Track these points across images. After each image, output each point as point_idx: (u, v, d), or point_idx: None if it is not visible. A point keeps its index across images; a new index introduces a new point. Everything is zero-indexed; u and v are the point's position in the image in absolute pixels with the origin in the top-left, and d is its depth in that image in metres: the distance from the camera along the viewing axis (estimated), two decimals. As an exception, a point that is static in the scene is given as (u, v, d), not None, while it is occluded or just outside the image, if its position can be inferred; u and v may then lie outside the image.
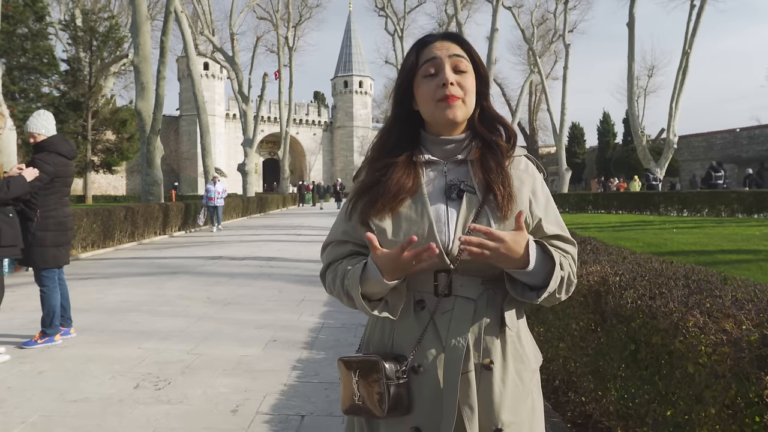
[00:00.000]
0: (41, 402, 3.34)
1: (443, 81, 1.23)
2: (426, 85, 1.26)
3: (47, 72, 32.65)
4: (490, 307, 1.22)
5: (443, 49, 1.27)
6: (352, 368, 1.23)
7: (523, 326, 1.30)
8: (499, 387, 1.20)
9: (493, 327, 1.22)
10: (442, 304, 1.21)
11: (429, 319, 1.21)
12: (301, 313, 5.79)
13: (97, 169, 39.03)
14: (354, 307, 1.25)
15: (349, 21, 72.72)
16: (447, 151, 1.29)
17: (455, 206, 1.23)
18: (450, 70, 1.24)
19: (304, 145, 68.99)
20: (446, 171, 1.28)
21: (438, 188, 1.26)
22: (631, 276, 2.52)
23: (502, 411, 1.19)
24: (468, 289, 1.21)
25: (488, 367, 1.20)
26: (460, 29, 27.87)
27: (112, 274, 8.51)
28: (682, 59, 25.60)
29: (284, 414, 3.18)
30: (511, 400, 1.20)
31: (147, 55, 17.62)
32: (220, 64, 39.43)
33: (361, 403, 1.20)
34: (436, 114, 1.25)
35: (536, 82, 48.29)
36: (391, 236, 1.21)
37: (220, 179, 18.19)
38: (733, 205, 17.85)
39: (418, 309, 1.22)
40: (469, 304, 1.21)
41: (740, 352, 1.45)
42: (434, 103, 1.25)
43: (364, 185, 1.30)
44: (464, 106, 1.26)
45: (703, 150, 45.62)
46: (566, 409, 3.12)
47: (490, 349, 1.21)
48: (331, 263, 1.33)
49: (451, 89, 1.23)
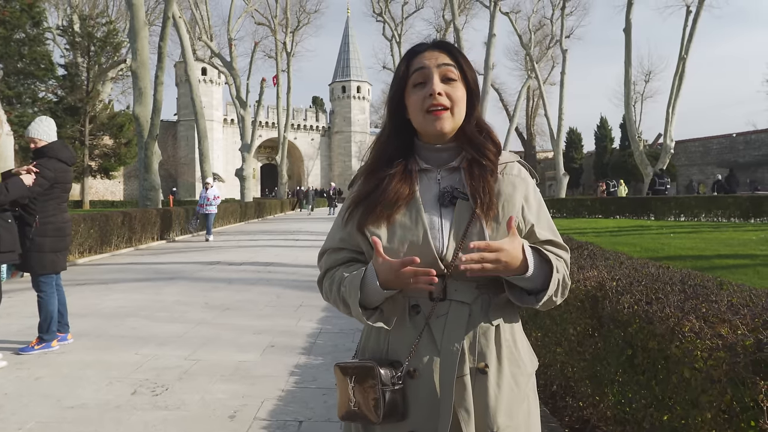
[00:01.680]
0: (38, 408, 3.33)
1: (430, 91, 1.25)
2: (415, 96, 1.27)
3: (44, 77, 32.57)
4: (484, 311, 1.23)
5: (432, 59, 1.28)
6: (348, 374, 1.23)
7: (518, 330, 1.31)
8: (495, 391, 1.20)
9: (488, 331, 1.23)
10: (437, 308, 1.22)
11: (424, 324, 1.22)
12: (299, 318, 5.79)
13: (95, 174, 38.97)
14: (350, 315, 1.26)
15: (347, 26, 72.97)
16: (440, 159, 1.31)
17: (449, 213, 1.25)
18: (438, 80, 1.26)
19: (302, 150, 69.06)
20: (440, 179, 1.29)
21: (432, 195, 1.27)
22: (628, 281, 2.53)
23: (497, 415, 1.19)
24: (463, 294, 1.22)
25: (483, 371, 1.20)
26: (457, 35, 27.95)
27: (110, 280, 8.49)
28: (678, 64, 25.73)
29: (282, 420, 3.18)
30: (507, 403, 1.21)
31: (145, 61, 17.64)
32: (218, 69, 39.51)
33: (357, 409, 1.21)
34: (425, 125, 1.27)
35: (533, 87, 48.53)
36: (386, 243, 1.22)
37: (213, 184, 16.99)
38: (730, 210, 17.91)
39: (413, 314, 1.23)
40: (464, 309, 1.22)
41: (736, 356, 1.46)
42: (423, 114, 1.26)
43: (361, 194, 1.31)
44: (452, 117, 1.27)
45: (699, 155, 45.82)
46: (564, 414, 3.12)
47: (485, 353, 1.22)
48: (328, 270, 1.34)
49: (439, 99, 1.24)
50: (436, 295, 1.21)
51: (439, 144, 1.30)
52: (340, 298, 1.26)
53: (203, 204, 16.33)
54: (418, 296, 1.23)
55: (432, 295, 1.22)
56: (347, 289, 1.22)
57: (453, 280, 1.22)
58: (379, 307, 1.22)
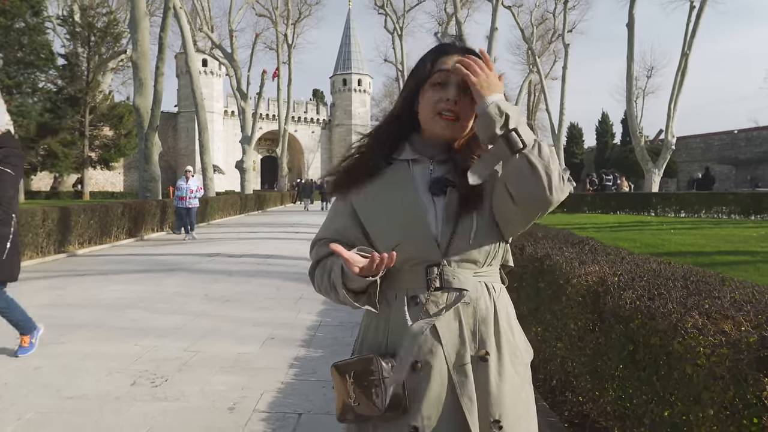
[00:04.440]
0: (37, 398, 3.33)
1: (447, 96, 1.26)
2: (430, 94, 1.28)
3: (44, 67, 32.47)
4: (482, 299, 1.25)
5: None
6: (347, 371, 1.24)
7: (513, 319, 1.32)
8: (496, 379, 1.21)
9: (487, 318, 1.24)
10: (436, 298, 1.22)
11: (423, 313, 1.22)
12: (298, 311, 5.79)
13: (95, 165, 38.89)
14: (339, 302, 1.28)
15: (348, 19, 72.58)
16: (432, 151, 1.33)
17: (441, 201, 1.26)
18: (457, 88, 1.26)
19: (302, 143, 68.89)
20: (432, 169, 1.31)
21: (424, 184, 1.29)
22: (630, 276, 2.52)
23: (500, 402, 1.20)
24: (460, 281, 1.23)
25: (484, 358, 1.21)
26: (459, 28, 27.82)
27: (109, 271, 8.49)
28: (681, 60, 25.62)
29: (281, 412, 3.18)
30: (508, 391, 1.22)
31: (145, 51, 17.57)
32: (219, 60, 39.37)
33: (357, 405, 1.21)
34: (433, 126, 1.29)
35: (535, 81, 48.34)
36: (383, 229, 1.27)
37: (194, 174, 14.35)
38: (730, 206, 17.90)
39: (411, 305, 1.23)
40: (462, 296, 1.23)
41: (739, 353, 1.45)
42: (432, 115, 1.28)
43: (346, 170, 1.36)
44: (460, 128, 1.29)
45: (701, 151, 45.72)
46: (563, 408, 3.12)
47: (486, 340, 1.23)
48: (320, 260, 1.35)
49: (454, 107, 1.26)
50: (434, 284, 1.22)
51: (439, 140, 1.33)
52: (330, 284, 1.27)
53: (184, 196, 13.80)
54: (416, 287, 1.24)
55: (429, 284, 1.22)
56: (336, 274, 1.25)
57: (450, 268, 1.22)
58: (366, 291, 1.24)
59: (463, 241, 1.23)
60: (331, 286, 1.27)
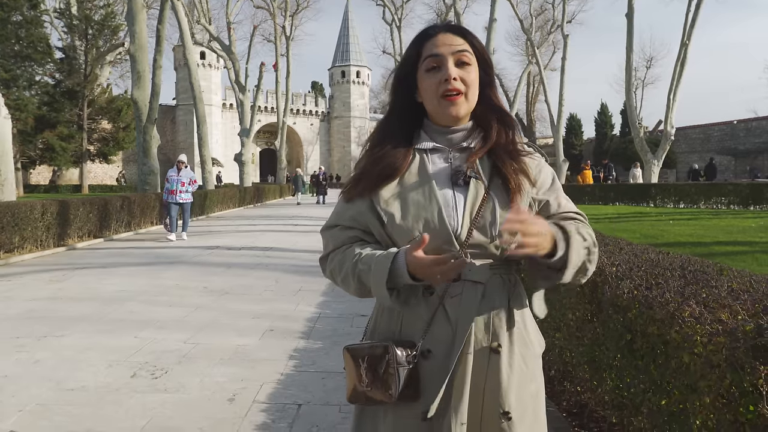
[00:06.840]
0: (38, 390, 3.34)
1: (446, 76, 1.24)
2: (429, 80, 1.27)
3: (42, 60, 32.34)
4: (498, 291, 1.24)
5: (446, 44, 1.27)
6: (360, 356, 1.23)
7: (527, 311, 1.31)
8: (507, 371, 1.21)
9: (501, 311, 1.24)
10: (451, 288, 1.22)
11: (438, 304, 1.22)
12: (298, 303, 5.80)
13: (93, 158, 38.86)
14: (361, 294, 1.26)
15: (346, 10, 72.27)
16: (452, 139, 1.31)
17: (462, 192, 1.25)
18: (452, 65, 1.25)
19: (301, 135, 68.79)
20: (452, 158, 1.29)
21: (444, 175, 1.27)
22: (628, 266, 2.53)
23: (509, 394, 1.20)
24: (477, 274, 1.22)
25: (496, 350, 1.21)
26: (458, 19, 27.67)
27: (109, 264, 8.50)
28: (680, 51, 25.51)
29: (281, 403, 3.19)
30: (518, 383, 1.22)
31: (143, 44, 17.48)
32: (217, 53, 39.12)
33: (369, 389, 1.21)
34: (440, 110, 1.27)
35: (534, 72, 48.23)
36: (400, 221, 1.23)
37: (186, 165, 12.26)
38: (729, 197, 17.90)
39: (426, 294, 1.23)
40: (478, 288, 1.22)
41: (735, 342, 1.46)
42: (437, 99, 1.26)
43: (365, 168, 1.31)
44: (466, 101, 1.27)
45: (700, 142, 45.69)
46: (562, 398, 3.14)
47: (498, 332, 1.23)
48: (338, 247, 1.31)
49: (454, 84, 1.24)
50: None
51: (453, 126, 1.31)
52: (355, 275, 1.23)
53: (175, 190, 11.77)
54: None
55: None
56: (371, 269, 1.20)
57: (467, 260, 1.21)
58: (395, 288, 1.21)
59: (483, 234, 1.21)
60: (354, 276, 1.23)
